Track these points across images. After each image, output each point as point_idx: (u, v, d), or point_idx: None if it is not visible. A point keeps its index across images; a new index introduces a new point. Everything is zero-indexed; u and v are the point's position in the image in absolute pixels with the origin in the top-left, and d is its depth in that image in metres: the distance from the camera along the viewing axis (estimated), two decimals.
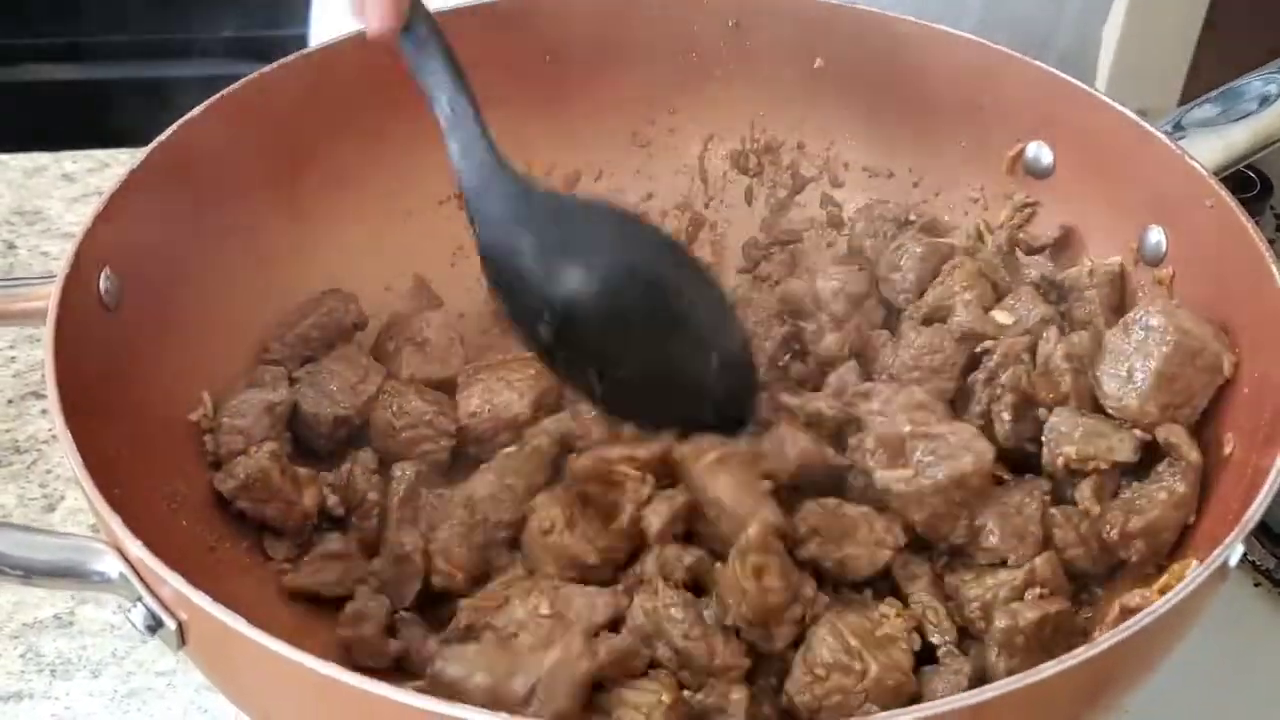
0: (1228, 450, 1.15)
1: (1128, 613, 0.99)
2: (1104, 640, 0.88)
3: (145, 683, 1.27)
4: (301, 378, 1.32)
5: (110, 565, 0.96)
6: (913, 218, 1.46)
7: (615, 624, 1.15)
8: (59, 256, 1.62)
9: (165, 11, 2.98)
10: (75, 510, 1.40)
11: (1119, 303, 1.34)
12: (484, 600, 1.16)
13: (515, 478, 1.25)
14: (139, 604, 0.96)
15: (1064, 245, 1.40)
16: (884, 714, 0.84)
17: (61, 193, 1.79)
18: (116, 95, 2.72)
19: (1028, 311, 1.31)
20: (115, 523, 0.94)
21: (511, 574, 1.21)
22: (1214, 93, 1.37)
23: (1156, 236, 1.30)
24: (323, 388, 1.31)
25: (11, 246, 1.70)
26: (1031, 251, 1.41)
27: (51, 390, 1.03)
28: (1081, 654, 0.87)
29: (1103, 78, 1.62)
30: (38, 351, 1.56)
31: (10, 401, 1.51)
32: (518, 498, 1.24)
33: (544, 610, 1.13)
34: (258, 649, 0.87)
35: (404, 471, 1.26)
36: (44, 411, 1.50)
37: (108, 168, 1.83)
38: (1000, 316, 1.32)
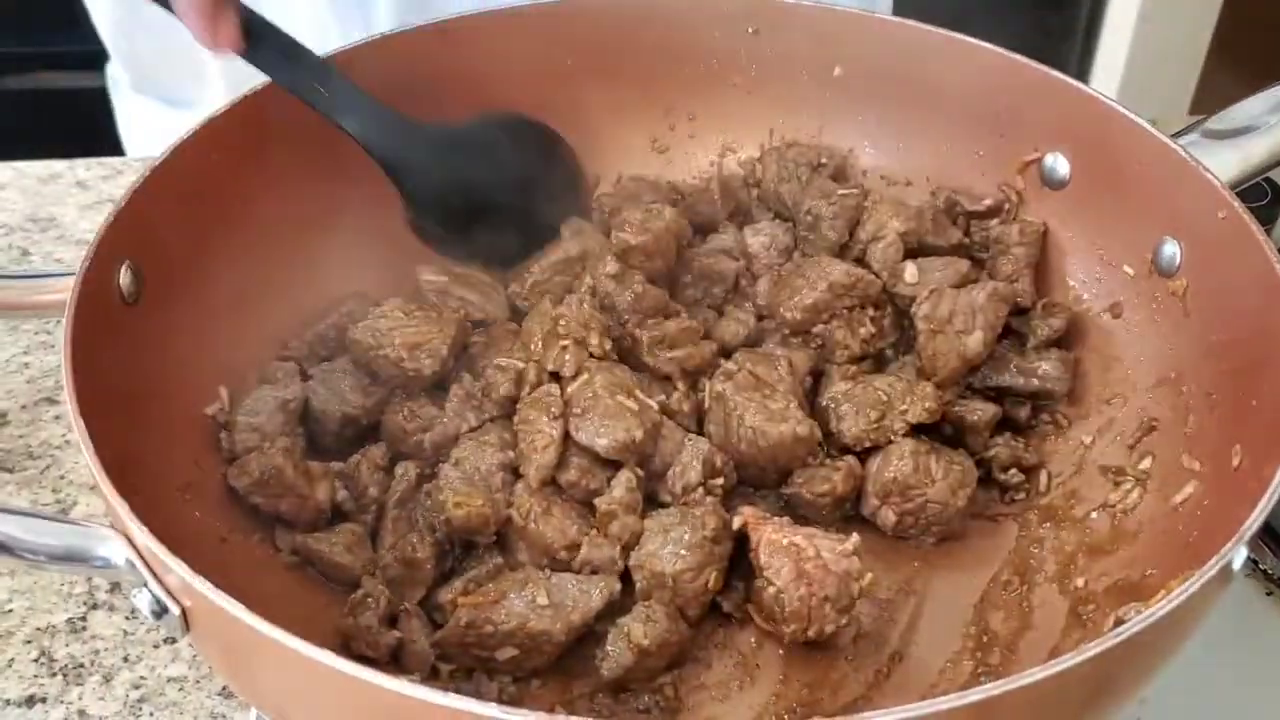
0: (1236, 462, 1.14)
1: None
2: (1108, 639, 0.88)
3: (157, 687, 1.26)
4: (315, 375, 1.33)
5: (116, 551, 0.97)
6: (824, 160, 1.49)
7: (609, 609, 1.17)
8: (73, 263, 1.63)
9: None
10: (89, 515, 1.39)
11: (1038, 261, 1.41)
12: (480, 596, 1.16)
13: (484, 436, 1.27)
14: (145, 589, 0.96)
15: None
16: (883, 711, 0.84)
17: (75, 199, 1.80)
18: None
19: (941, 271, 1.39)
20: (123, 509, 0.94)
21: (489, 565, 1.22)
22: (1231, 106, 1.37)
23: (1171, 248, 1.30)
24: (334, 386, 1.32)
25: (26, 253, 1.71)
26: (968, 215, 1.45)
27: (68, 381, 1.03)
28: (1082, 654, 0.87)
29: (1114, 88, 1.63)
30: (52, 357, 1.57)
31: (24, 407, 1.51)
32: (495, 446, 1.26)
33: (541, 601, 1.15)
34: (257, 635, 0.87)
35: (406, 471, 1.27)
36: (58, 417, 1.50)
37: (121, 175, 1.84)
38: (908, 274, 1.39)
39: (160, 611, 0.96)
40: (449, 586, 1.21)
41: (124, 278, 1.17)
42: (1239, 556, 0.95)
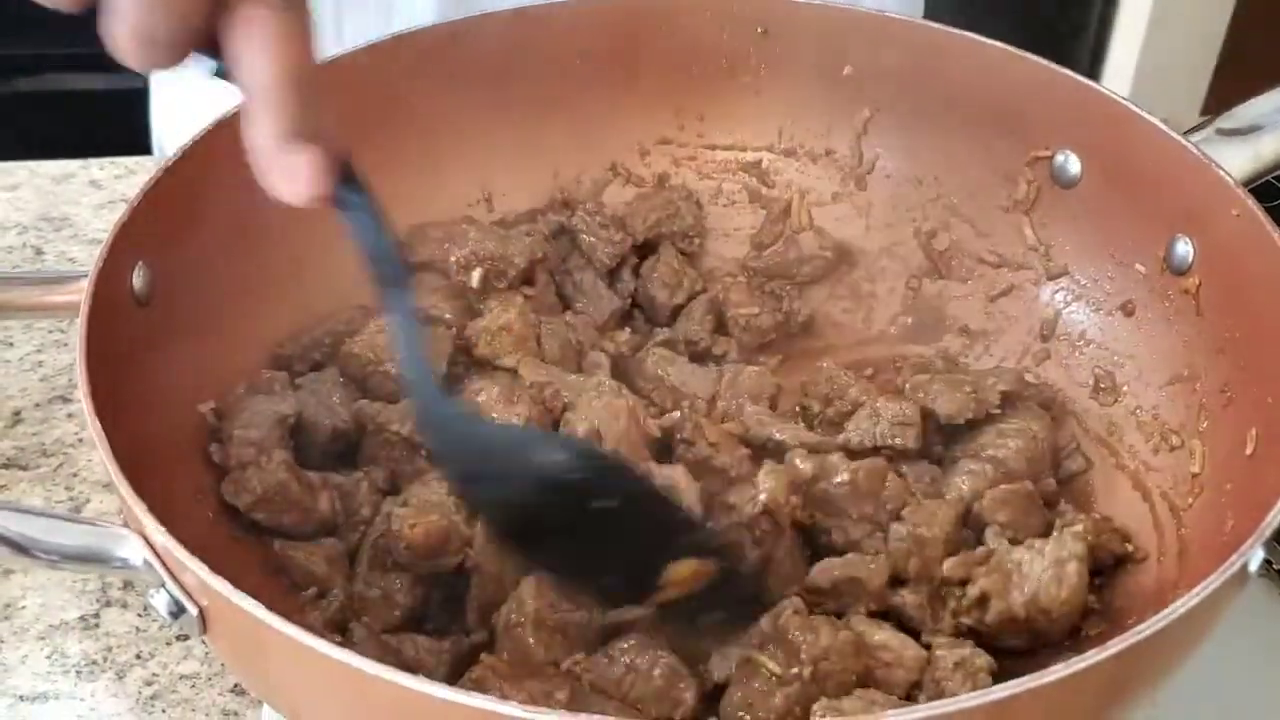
0: (1249, 450, 1.15)
1: None
2: (1121, 640, 0.88)
3: (170, 685, 1.27)
4: (303, 384, 1.32)
5: (134, 551, 0.97)
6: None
7: None
8: (85, 263, 1.63)
9: None
10: (101, 514, 1.40)
11: None
12: (511, 669, 1.11)
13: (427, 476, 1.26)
14: (162, 589, 0.97)
15: None
16: (901, 710, 0.84)
17: (89, 199, 1.80)
18: (143, 104, 2.73)
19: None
20: (140, 508, 0.95)
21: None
22: (1243, 103, 1.37)
23: (1183, 246, 1.30)
24: (324, 399, 1.30)
25: (39, 252, 1.71)
26: None
27: (82, 381, 1.04)
28: (1100, 653, 0.87)
29: (1126, 87, 1.63)
30: (65, 356, 1.57)
31: (37, 405, 1.52)
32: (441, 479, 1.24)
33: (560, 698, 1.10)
34: (277, 635, 0.88)
35: (392, 512, 1.23)
36: (71, 415, 1.51)
37: (134, 174, 1.84)
38: None
39: (177, 611, 0.97)
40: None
41: (137, 279, 1.17)
42: (1256, 558, 0.95)
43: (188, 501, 1.17)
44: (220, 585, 0.90)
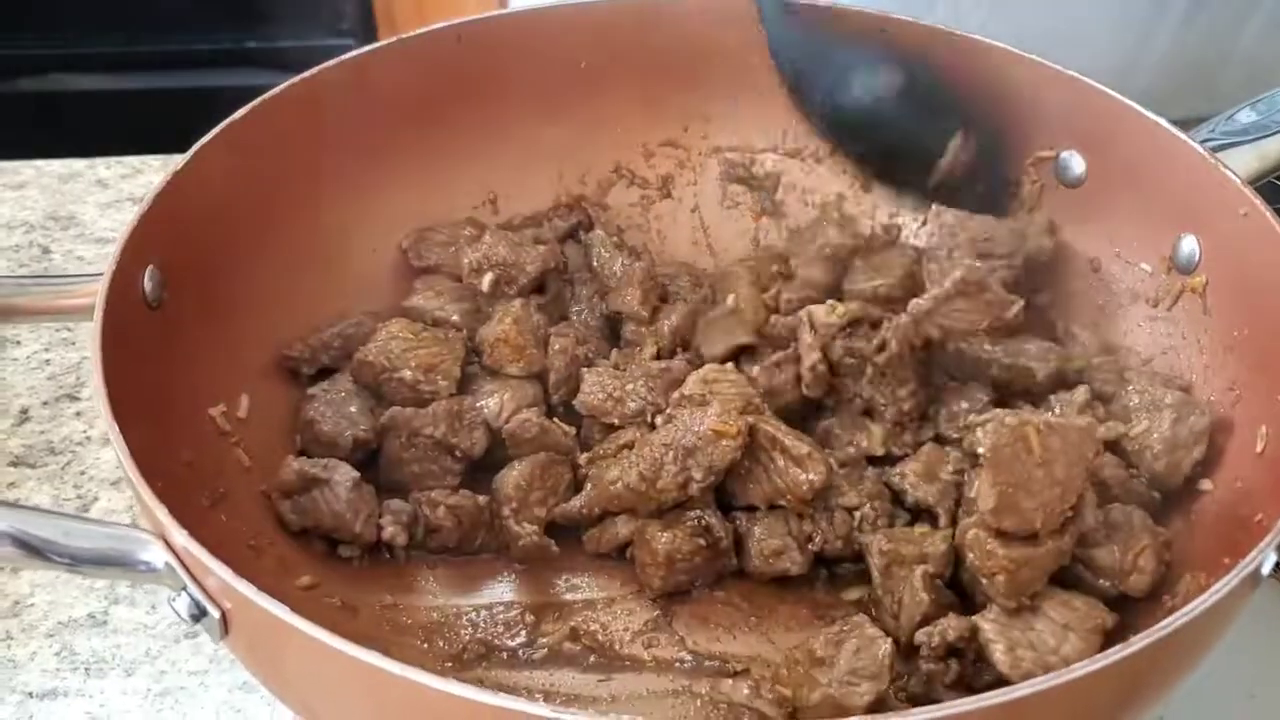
0: (1260, 448, 1.16)
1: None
2: (1134, 643, 0.88)
3: (178, 681, 1.27)
4: (317, 394, 1.32)
5: (156, 555, 0.97)
6: None
7: None
8: (93, 261, 1.64)
9: (193, 23, 3.00)
10: (109, 511, 1.41)
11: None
12: None
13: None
14: (183, 593, 0.97)
15: None
16: (917, 710, 0.85)
17: (95, 198, 1.81)
18: (148, 104, 2.73)
19: None
20: (162, 513, 0.95)
21: None
22: (1249, 102, 1.37)
23: (1190, 245, 1.30)
24: (341, 409, 1.31)
25: (46, 251, 1.71)
26: None
27: (99, 385, 1.04)
28: (1113, 654, 0.87)
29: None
30: (72, 354, 1.57)
31: (45, 404, 1.52)
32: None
33: None
34: (301, 638, 0.88)
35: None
36: (79, 414, 1.51)
37: (140, 174, 1.85)
38: None
39: (199, 615, 0.97)
40: None
41: (148, 282, 1.17)
42: (1269, 561, 0.96)
43: (201, 506, 1.17)
44: (244, 588, 0.91)
